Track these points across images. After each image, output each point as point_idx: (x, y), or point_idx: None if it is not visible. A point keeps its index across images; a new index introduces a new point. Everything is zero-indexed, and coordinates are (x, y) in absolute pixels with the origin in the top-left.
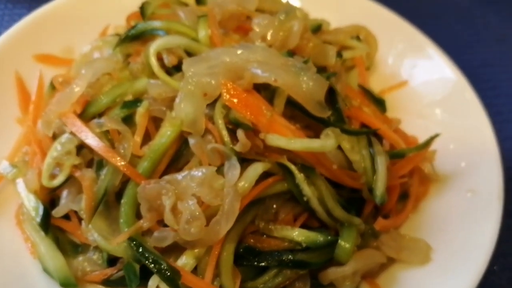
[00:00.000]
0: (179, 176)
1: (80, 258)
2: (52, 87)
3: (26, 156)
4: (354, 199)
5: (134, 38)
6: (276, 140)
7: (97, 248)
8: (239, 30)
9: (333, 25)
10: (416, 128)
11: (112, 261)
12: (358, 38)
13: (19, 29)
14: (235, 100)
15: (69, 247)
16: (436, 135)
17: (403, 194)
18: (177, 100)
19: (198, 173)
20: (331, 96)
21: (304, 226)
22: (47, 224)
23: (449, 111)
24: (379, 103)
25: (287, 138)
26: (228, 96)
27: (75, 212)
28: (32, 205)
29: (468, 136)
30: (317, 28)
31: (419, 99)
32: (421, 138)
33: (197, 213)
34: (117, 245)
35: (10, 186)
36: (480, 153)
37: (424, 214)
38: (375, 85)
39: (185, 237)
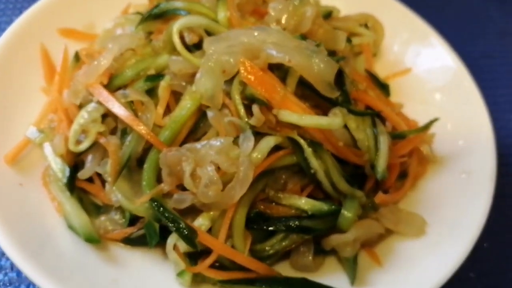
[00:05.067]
0: (198, 145)
1: (103, 218)
2: (77, 59)
3: (52, 123)
4: (357, 175)
5: (157, 16)
6: (288, 116)
7: (118, 209)
8: (255, 13)
9: (342, 13)
10: (417, 112)
11: (132, 221)
12: (366, 26)
13: (43, 4)
14: (252, 78)
15: (91, 207)
16: (436, 119)
17: (403, 174)
18: (197, 75)
19: (216, 142)
20: (340, 78)
21: (310, 196)
22: (72, 185)
23: (448, 98)
24: (383, 88)
25: (298, 115)
26: (245, 74)
27: (98, 176)
28: (59, 167)
29: (466, 121)
30: (328, 15)
31: (421, 85)
32: (422, 122)
33: (215, 178)
34: (140, 205)
35: (37, 150)
36: (476, 138)
37: (421, 192)
38: (380, 71)
39: (203, 199)
